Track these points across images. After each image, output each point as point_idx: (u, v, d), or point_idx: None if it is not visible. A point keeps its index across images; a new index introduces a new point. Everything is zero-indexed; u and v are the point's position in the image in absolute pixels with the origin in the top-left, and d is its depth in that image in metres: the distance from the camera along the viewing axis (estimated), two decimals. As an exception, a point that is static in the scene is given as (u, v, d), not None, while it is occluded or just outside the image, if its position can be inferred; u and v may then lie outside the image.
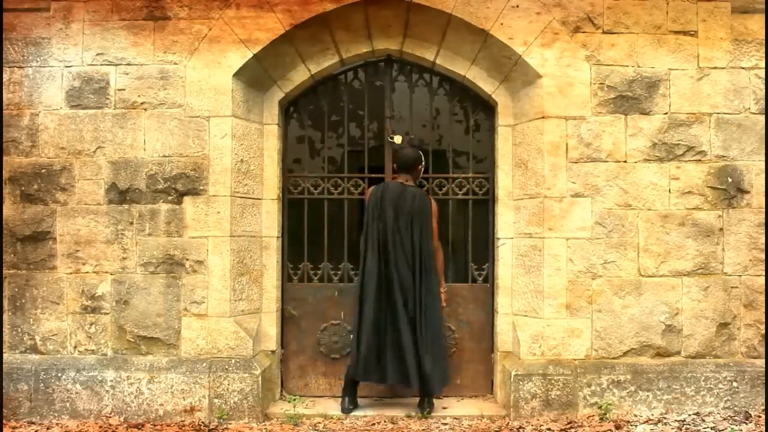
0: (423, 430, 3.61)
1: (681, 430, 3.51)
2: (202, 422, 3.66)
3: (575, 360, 3.79)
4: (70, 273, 3.83)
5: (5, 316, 3.81)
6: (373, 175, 4.19)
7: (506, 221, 4.04)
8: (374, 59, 4.21)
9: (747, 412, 3.70)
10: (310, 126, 4.35)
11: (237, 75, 3.82)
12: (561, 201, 3.81)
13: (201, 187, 3.81)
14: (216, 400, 3.70)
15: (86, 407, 3.71)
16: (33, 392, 3.71)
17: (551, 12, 3.79)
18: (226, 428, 3.62)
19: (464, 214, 4.26)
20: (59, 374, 3.73)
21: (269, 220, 4.07)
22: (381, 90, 4.25)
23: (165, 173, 3.81)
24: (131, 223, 3.82)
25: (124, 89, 3.82)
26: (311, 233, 4.19)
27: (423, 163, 3.97)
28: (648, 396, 3.73)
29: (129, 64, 3.82)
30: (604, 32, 3.80)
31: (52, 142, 3.82)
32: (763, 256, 3.82)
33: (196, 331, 3.80)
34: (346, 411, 3.82)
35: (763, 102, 3.81)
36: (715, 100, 3.82)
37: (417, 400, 3.91)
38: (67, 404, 3.71)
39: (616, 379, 3.73)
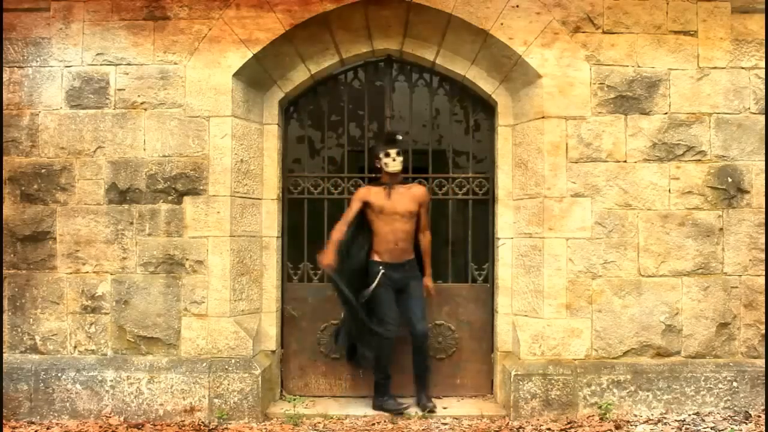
0: (423, 430, 3.61)
1: (681, 430, 3.51)
2: (202, 422, 3.66)
3: (575, 360, 3.79)
4: (70, 273, 3.83)
5: (5, 316, 3.81)
6: (373, 175, 4.19)
7: (506, 221, 4.04)
8: (374, 59, 4.21)
9: (747, 412, 3.70)
10: (310, 126, 4.35)
11: (237, 75, 3.82)
12: (561, 201, 3.80)
13: (201, 187, 3.81)
14: (216, 400, 3.70)
15: (86, 407, 3.71)
16: (33, 392, 3.71)
17: (551, 12, 3.79)
18: (226, 428, 3.62)
19: (464, 214, 4.26)
20: (59, 374, 3.73)
21: (269, 220, 4.07)
22: (381, 90, 4.25)
23: (165, 173, 3.81)
24: (131, 223, 3.82)
25: (124, 89, 3.82)
26: (311, 233, 4.19)
27: (378, 156, 3.93)
28: (648, 396, 3.73)
29: (129, 64, 3.82)
30: (604, 32, 3.80)
31: (52, 142, 3.82)
32: (763, 256, 3.82)
33: (196, 331, 3.80)
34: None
35: (763, 102, 3.81)
36: (715, 100, 3.82)
37: (416, 399, 3.92)
38: (67, 404, 3.71)
39: (616, 379, 3.73)
